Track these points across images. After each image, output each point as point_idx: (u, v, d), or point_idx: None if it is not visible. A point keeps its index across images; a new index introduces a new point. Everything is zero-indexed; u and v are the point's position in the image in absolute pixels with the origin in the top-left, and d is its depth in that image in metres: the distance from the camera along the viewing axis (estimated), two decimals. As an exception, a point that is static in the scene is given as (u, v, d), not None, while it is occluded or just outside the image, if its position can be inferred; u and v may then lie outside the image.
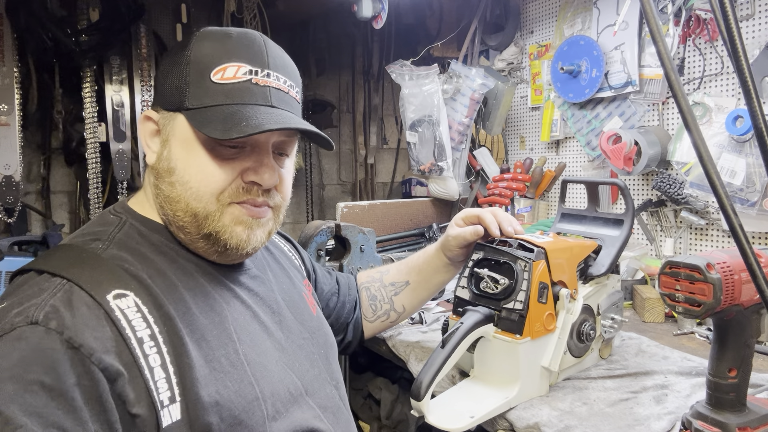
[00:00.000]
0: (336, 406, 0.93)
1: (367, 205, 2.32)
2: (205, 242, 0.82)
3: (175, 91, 0.80)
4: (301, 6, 2.64)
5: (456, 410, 1.01)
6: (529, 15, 2.43)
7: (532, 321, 1.04)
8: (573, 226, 1.34)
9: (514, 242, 1.13)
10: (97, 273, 0.74)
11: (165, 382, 0.70)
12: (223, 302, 0.83)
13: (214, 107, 0.78)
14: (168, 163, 0.81)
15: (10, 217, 2.22)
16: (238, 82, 0.79)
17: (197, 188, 0.79)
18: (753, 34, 1.61)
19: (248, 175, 0.81)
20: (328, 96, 3.19)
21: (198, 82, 0.79)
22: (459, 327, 1.01)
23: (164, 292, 0.77)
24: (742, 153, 1.58)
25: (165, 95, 0.82)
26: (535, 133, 2.42)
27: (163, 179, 0.81)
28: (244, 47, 0.81)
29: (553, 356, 1.09)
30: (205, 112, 0.78)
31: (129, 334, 0.70)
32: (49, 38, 2.23)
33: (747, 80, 0.54)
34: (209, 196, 0.79)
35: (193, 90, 0.79)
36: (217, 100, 0.78)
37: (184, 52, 0.81)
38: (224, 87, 0.78)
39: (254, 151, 0.82)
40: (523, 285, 1.05)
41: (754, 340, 0.88)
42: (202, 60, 0.79)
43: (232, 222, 0.81)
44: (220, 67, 0.79)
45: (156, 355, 0.71)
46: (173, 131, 0.81)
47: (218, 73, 0.78)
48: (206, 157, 0.79)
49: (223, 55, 0.79)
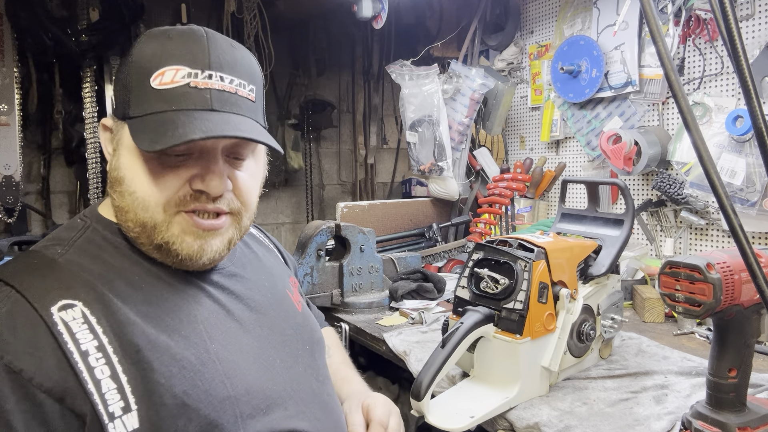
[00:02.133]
0: (323, 403, 0.92)
1: (367, 205, 2.32)
2: (159, 253, 0.80)
3: (121, 98, 0.78)
4: (301, 6, 2.64)
5: (456, 410, 1.01)
6: (529, 15, 2.43)
7: (532, 321, 1.04)
8: (573, 226, 1.34)
9: (514, 242, 1.13)
10: (48, 282, 0.72)
11: (116, 392, 0.68)
12: (192, 302, 0.81)
13: (152, 115, 0.75)
14: (117, 173, 0.79)
15: (10, 217, 2.22)
16: (176, 87, 0.75)
17: (143, 198, 0.76)
18: (753, 34, 1.61)
19: (195, 183, 0.77)
20: (328, 96, 3.19)
21: (139, 89, 0.76)
22: (459, 327, 1.01)
23: (123, 296, 0.75)
24: (742, 153, 1.58)
25: (115, 103, 0.81)
26: (535, 133, 2.42)
27: (114, 189, 0.79)
28: (184, 48, 0.77)
29: (553, 356, 1.09)
30: (143, 120, 0.75)
31: (71, 348, 0.68)
32: (49, 38, 2.23)
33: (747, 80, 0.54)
34: (155, 206, 0.77)
35: (134, 97, 0.76)
36: (156, 108, 0.75)
37: (128, 56, 0.78)
38: (163, 93, 0.75)
39: (202, 156, 0.78)
40: (523, 285, 1.05)
41: (754, 340, 0.88)
42: (143, 64, 0.76)
43: (181, 232, 0.78)
44: (159, 71, 0.75)
45: (104, 366, 0.69)
46: (121, 140, 0.79)
47: (156, 78, 0.75)
48: (151, 165, 0.76)
49: (162, 59, 0.76)
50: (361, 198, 3.29)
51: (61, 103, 2.44)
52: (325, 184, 3.35)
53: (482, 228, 2.26)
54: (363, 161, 3.29)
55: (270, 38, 2.55)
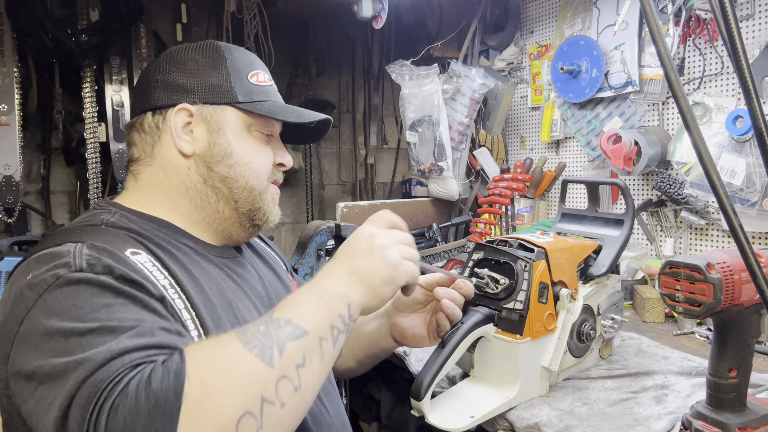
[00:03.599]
0: (325, 389, 0.97)
1: (367, 205, 2.32)
2: (246, 216, 0.94)
3: (218, 87, 0.91)
4: (301, 6, 2.64)
5: (456, 410, 1.01)
6: (529, 15, 2.43)
7: (532, 321, 1.04)
8: (573, 226, 1.34)
9: (515, 242, 1.13)
10: (106, 237, 0.77)
11: (191, 322, 0.76)
12: (218, 278, 0.88)
13: (261, 102, 0.93)
14: (225, 148, 0.91)
15: (10, 217, 2.22)
16: (268, 85, 0.97)
17: (257, 167, 0.93)
18: (753, 34, 1.61)
19: (277, 158, 0.97)
20: (328, 96, 3.19)
21: (240, 83, 0.92)
22: (459, 327, 1.01)
23: (167, 258, 0.81)
24: (742, 153, 1.58)
25: (203, 90, 0.91)
26: (535, 133, 2.42)
27: (220, 162, 0.91)
28: (258, 61, 0.98)
29: (553, 356, 1.09)
30: (257, 105, 0.92)
31: (154, 280, 0.74)
32: (49, 38, 2.23)
33: (747, 80, 0.54)
34: (264, 173, 0.94)
35: (238, 87, 0.92)
36: (262, 97, 0.94)
37: (217, 56, 0.93)
38: (262, 87, 0.95)
39: (274, 140, 0.98)
40: (524, 285, 1.05)
41: (754, 340, 0.88)
42: (238, 65, 0.93)
43: (270, 199, 0.96)
44: (253, 72, 0.95)
45: (179, 300, 0.76)
46: (225, 121, 0.91)
47: (254, 77, 0.95)
48: (256, 142, 0.94)
49: (251, 64, 0.96)
50: (361, 198, 3.29)
51: (61, 103, 2.44)
52: (325, 184, 3.35)
53: (482, 228, 2.26)
54: (363, 161, 3.29)
55: (270, 38, 2.55)
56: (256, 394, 0.61)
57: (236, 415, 0.59)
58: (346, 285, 0.76)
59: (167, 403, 0.57)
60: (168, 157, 0.90)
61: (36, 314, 0.66)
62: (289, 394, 0.64)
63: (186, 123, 0.90)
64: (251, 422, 0.60)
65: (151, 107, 0.91)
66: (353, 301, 0.75)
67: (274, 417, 0.62)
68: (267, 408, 0.61)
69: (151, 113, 0.91)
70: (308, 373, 0.67)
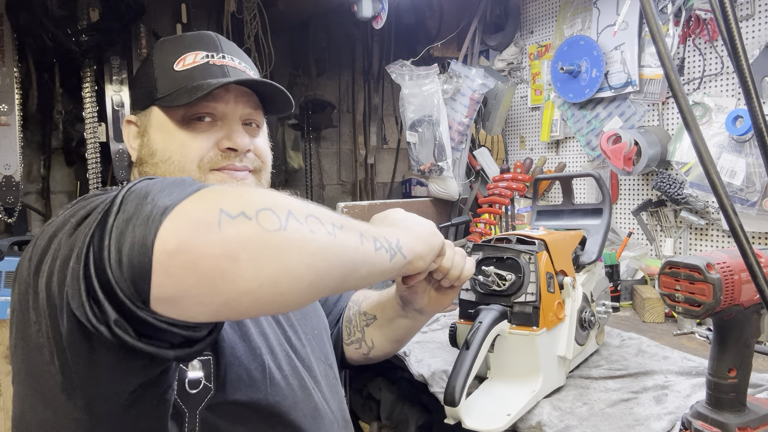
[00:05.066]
0: (330, 384, 0.96)
1: (367, 205, 2.31)
2: None
3: (145, 91, 0.91)
4: (301, 6, 2.64)
5: (490, 411, 1.00)
6: (529, 15, 2.43)
7: (545, 311, 1.05)
8: (552, 221, 1.36)
9: (513, 238, 1.13)
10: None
11: None
12: None
13: (179, 89, 0.87)
14: (149, 148, 0.89)
15: (10, 217, 2.22)
16: (197, 65, 0.89)
17: (179, 160, 0.87)
18: (753, 34, 1.61)
19: (223, 143, 0.88)
20: (328, 96, 3.19)
21: (163, 76, 0.89)
22: (479, 326, 1.00)
23: None
24: (742, 153, 1.58)
25: (138, 99, 0.93)
26: (535, 133, 2.42)
27: (147, 163, 0.89)
28: (198, 40, 0.93)
29: (567, 344, 1.10)
30: (174, 95, 0.87)
31: None
32: (49, 38, 2.23)
33: (747, 80, 0.53)
34: (190, 165, 0.87)
35: (160, 83, 0.89)
36: (182, 84, 0.88)
37: (147, 59, 0.94)
38: (186, 72, 0.89)
39: (225, 122, 0.90)
40: (532, 277, 1.05)
41: (754, 340, 0.88)
42: (164, 58, 0.90)
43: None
44: (181, 57, 0.90)
45: None
46: (149, 122, 0.90)
47: (179, 63, 0.89)
48: (181, 134, 0.88)
49: (181, 49, 0.91)
50: (361, 198, 3.29)
51: (61, 103, 2.44)
52: (325, 184, 3.35)
53: (482, 228, 2.26)
54: (363, 161, 3.29)
55: (270, 38, 2.55)
56: (283, 202, 0.57)
57: (256, 203, 0.55)
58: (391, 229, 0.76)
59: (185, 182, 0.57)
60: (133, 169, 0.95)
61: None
62: (320, 228, 0.58)
63: (136, 133, 0.93)
64: (273, 214, 0.55)
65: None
66: (401, 237, 0.74)
67: (299, 229, 0.56)
68: (292, 219, 0.56)
69: None
70: (344, 236, 0.61)
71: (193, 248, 0.50)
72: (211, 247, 0.51)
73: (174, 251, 0.50)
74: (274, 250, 0.54)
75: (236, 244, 0.52)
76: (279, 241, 0.54)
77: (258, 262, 0.53)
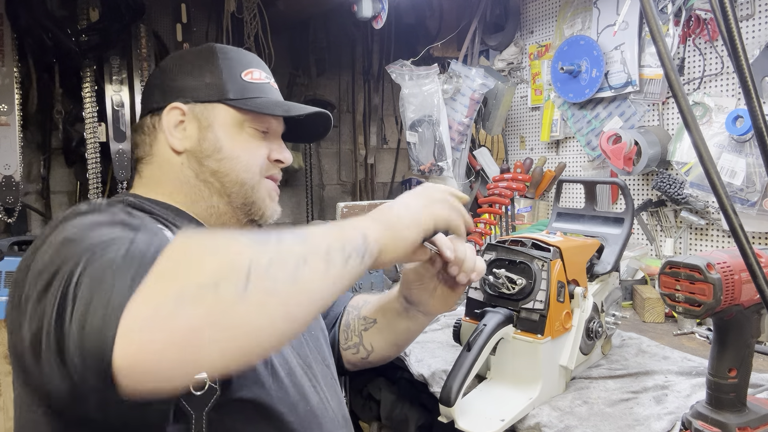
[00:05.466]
0: (329, 384, 0.97)
1: (367, 205, 2.31)
2: (242, 211, 0.96)
3: (210, 86, 0.95)
4: (301, 6, 2.63)
5: (485, 414, 1.00)
6: (529, 15, 2.43)
7: (552, 320, 1.04)
8: (571, 225, 1.34)
9: (528, 241, 1.13)
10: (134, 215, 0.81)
11: None
12: None
13: (253, 98, 0.95)
14: (215, 143, 0.93)
15: (10, 217, 2.22)
16: (264, 83, 0.99)
17: (246, 160, 0.94)
18: (753, 34, 1.61)
19: (274, 154, 0.98)
20: (328, 96, 3.19)
21: (232, 80, 0.95)
22: (483, 329, 0.99)
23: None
24: (742, 153, 1.58)
25: (196, 90, 0.95)
26: (535, 133, 2.42)
27: (210, 157, 0.93)
28: (257, 60, 1.02)
29: (570, 354, 1.09)
30: (248, 101, 0.95)
31: None
32: (49, 38, 2.23)
33: (747, 80, 0.53)
34: (255, 167, 0.95)
35: (230, 85, 0.95)
36: (255, 94, 0.96)
37: (210, 56, 0.97)
38: (256, 85, 0.97)
39: (273, 137, 1.00)
40: (542, 284, 1.04)
41: (754, 340, 0.88)
42: (232, 63, 0.97)
43: (266, 194, 0.98)
44: (248, 70, 0.97)
45: None
46: (215, 118, 0.94)
47: (248, 75, 0.97)
48: (248, 137, 0.96)
49: (246, 63, 0.99)
50: (361, 198, 3.29)
51: (61, 103, 2.43)
52: (325, 184, 3.35)
53: (482, 228, 2.26)
54: (363, 161, 3.28)
55: (270, 38, 2.54)
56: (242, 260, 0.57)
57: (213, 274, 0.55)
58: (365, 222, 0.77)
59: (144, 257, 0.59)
60: (163, 154, 0.95)
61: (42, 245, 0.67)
62: (284, 275, 0.58)
63: (179, 121, 0.94)
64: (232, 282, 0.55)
65: (150, 109, 0.96)
66: (370, 235, 0.74)
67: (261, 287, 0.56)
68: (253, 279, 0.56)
69: (150, 115, 0.96)
70: (310, 270, 0.61)
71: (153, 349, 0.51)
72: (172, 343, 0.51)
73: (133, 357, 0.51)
74: (239, 322, 0.54)
75: (196, 332, 0.52)
76: (242, 312, 0.55)
77: (223, 343, 0.53)
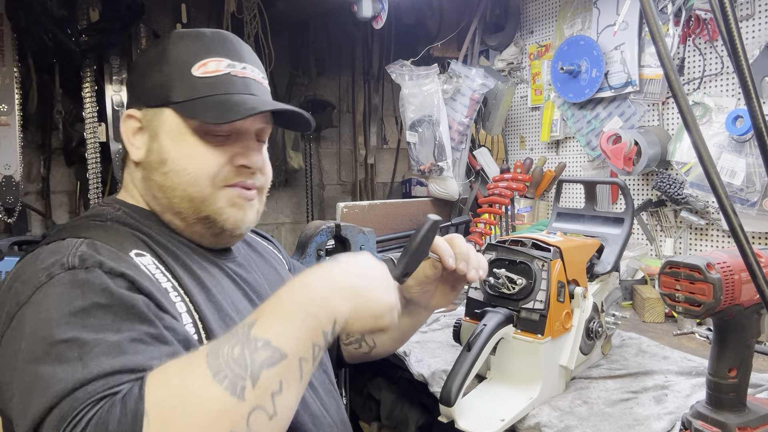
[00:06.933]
0: (327, 390, 0.96)
1: (367, 205, 2.31)
2: (202, 226, 0.87)
3: (157, 88, 0.85)
4: (301, 6, 2.63)
5: (485, 414, 1.00)
6: (529, 15, 2.43)
7: (552, 320, 1.04)
8: (571, 225, 1.34)
9: (528, 241, 1.13)
10: (113, 236, 0.78)
11: (192, 326, 0.75)
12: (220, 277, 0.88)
13: (200, 99, 0.83)
14: (159, 155, 0.85)
15: (10, 217, 2.22)
16: (220, 75, 0.85)
17: (193, 173, 0.83)
18: (753, 34, 1.61)
19: (238, 160, 0.86)
20: (328, 96, 3.19)
21: (181, 78, 0.84)
22: (483, 329, 0.99)
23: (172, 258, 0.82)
24: (742, 153, 1.58)
25: (146, 93, 0.87)
26: (535, 133, 2.42)
27: (156, 170, 0.85)
28: (220, 44, 0.88)
29: (570, 354, 1.09)
30: (193, 103, 0.83)
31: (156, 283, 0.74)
32: (49, 38, 2.23)
33: (747, 80, 0.54)
34: (204, 180, 0.84)
35: (177, 85, 0.84)
36: (203, 92, 0.84)
37: (161, 52, 0.87)
38: (207, 80, 0.84)
39: (240, 138, 0.87)
40: (542, 285, 1.04)
41: (754, 340, 0.88)
42: (182, 57, 0.85)
43: (226, 204, 0.86)
44: (201, 62, 0.85)
45: (181, 303, 0.76)
46: (161, 125, 0.85)
47: (200, 68, 0.85)
48: (198, 144, 0.84)
49: (202, 52, 0.86)
50: (361, 198, 3.29)
51: (61, 103, 2.43)
52: (325, 184, 3.35)
53: (482, 228, 2.26)
54: (363, 161, 3.28)
55: (270, 38, 2.54)
56: (223, 431, 0.57)
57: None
58: (338, 297, 0.69)
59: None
60: (130, 163, 0.90)
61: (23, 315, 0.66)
62: (264, 423, 0.60)
63: (137, 129, 0.87)
64: None
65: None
66: (340, 317, 0.69)
67: None
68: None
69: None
70: (286, 397, 0.62)
71: None
72: None
73: None
74: None
75: None
76: None
77: None
